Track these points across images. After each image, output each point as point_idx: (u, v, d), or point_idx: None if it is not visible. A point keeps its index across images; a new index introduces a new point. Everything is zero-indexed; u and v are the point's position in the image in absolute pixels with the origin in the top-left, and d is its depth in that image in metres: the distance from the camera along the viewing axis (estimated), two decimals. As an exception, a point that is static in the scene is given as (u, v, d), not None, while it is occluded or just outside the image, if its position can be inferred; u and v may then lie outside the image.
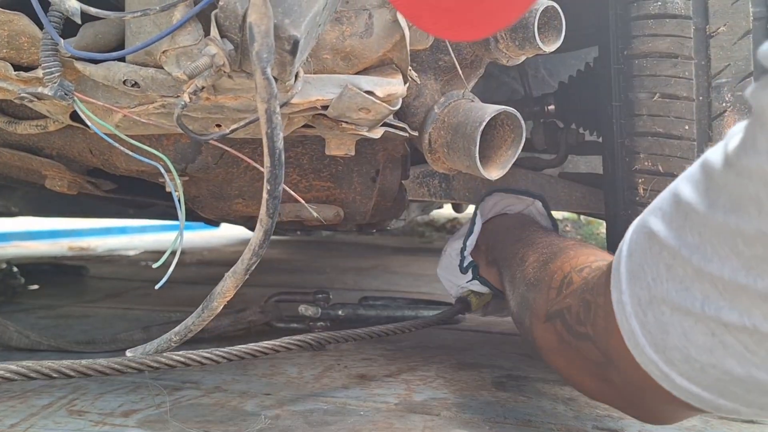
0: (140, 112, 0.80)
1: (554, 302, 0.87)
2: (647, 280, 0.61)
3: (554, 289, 0.88)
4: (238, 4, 0.66)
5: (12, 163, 1.20)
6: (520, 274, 1.06)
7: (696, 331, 0.56)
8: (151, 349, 0.81)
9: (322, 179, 1.23)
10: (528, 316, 0.97)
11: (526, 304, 0.98)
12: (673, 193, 0.60)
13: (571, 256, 0.92)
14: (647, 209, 0.65)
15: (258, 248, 0.68)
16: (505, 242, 1.23)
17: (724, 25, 1.11)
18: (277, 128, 0.64)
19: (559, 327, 0.84)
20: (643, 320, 0.62)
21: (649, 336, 0.61)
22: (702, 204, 0.55)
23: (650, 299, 0.60)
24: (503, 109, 1.02)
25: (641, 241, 0.63)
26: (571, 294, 0.83)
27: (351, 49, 0.84)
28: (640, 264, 0.62)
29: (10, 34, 0.77)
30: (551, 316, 0.87)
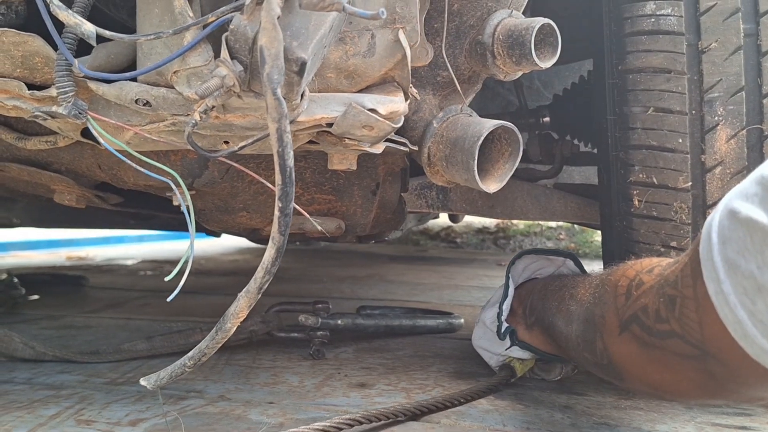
0: (151, 130, 0.83)
1: (626, 308, 0.84)
2: (751, 269, 0.60)
3: (622, 296, 0.85)
4: (248, 27, 0.69)
5: (21, 177, 1.22)
6: (575, 306, 1.02)
7: None
8: (165, 376, 0.83)
9: (324, 192, 1.26)
10: (599, 338, 0.91)
11: (592, 325, 0.93)
12: (762, 177, 0.60)
13: (631, 264, 0.90)
14: (732, 194, 0.64)
15: (270, 266, 0.70)
16: (547, 295, 1.18)
17: (715, 41, 1.14)
18: (287, 147, 0.66)
19: (638, 332, 0.81)
20: (752, 309, 0.60)
21: (761, 325, 0.60)
22: None
23: (758, 288, 0.59)
24: (501, 124, 1.05)
25: (736, 228, 0.62)
26: (645, 294, 0.81)
27: (354, 68, 0.87)
28: (740, 252, 0.61)
29: (24, 54, 0.80)
30: (625, 324, 0.83)
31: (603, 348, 0.90)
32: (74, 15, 0.71)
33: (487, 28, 1.06)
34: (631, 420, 1.11)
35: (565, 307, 1.06)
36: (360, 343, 1.65)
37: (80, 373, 1.34)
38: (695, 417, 1.12)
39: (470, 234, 5.29)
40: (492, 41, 1.06)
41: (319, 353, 1.49)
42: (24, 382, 1.28)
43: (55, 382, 1.28)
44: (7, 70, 0.81)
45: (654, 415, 1.13)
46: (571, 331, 1.02)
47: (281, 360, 1.47)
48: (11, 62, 0.81)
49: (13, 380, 1.29)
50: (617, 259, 1.24)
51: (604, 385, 1.28)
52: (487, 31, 1.06)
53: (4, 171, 1.21)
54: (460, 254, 4.36)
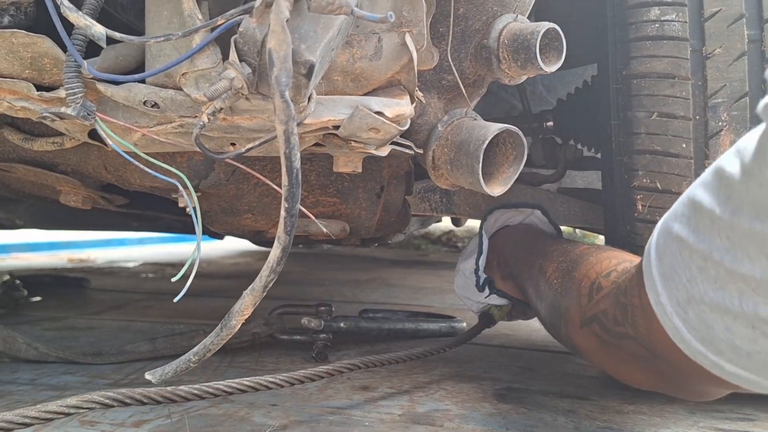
0: (159, 132, 0.83)
1: (587, 308, 0.93)
2: (682, 282, 0.66)
3: (585, 296, 0.95)
4: (257, 30, 0.69)
5: (27, 178, 1.23)
6: (544, 285, 1.12)
7: (738, 325, 0.61)
8: (170, 371, 0.83)
9: (329, 195, 1.26)
10: (563, 325, 1.02)
11: (559, 313, 1.04)
12: (691, 200, 0.65)
13: (593, 263, 0.99)
14: (667, 215, 0.71)
15: (276, 265, 0.70)
16: (518, 255, 1.31)
17: (719, 47, 1.14)
18: (294, 149, 0.66)
19: (598, 330, 0.90)
20: (685, 318, 0.67)
21: (694, 331, 0.66)
22: (725, 212, 0.59)
23: (688, 299, 0.65)
24: (505, 128, 1.05)
25: (669, 245, 0.68)
26: (603, 298, 0.90)
27: (361, 71, 0.87)
28: (672, 267, 0.68)
29: (34, 55, 0.80)
30: (587, 321, 0.93)
31: (567, 335, 1.03)
32: (84, 17, 0.71)
33: (492, 32, 1.07)
34: (635, 424, 1.11)
35: (535, 280, 1.17)
36: (362, 347, 1.65)
37: (83, 375, 1.34)
38: (698, 421, 1.12)
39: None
40: (497, 45, 1.06)
41: (321, 356, 1.50)
42: (27, 382, 1.28)
43: (58, 383, 1.28)
44: (16, 71, 0.82)
45: (657, 419, 1.13)
46: (540, 308, 1.16)
47: (284, 362, 1.47)
48: (20, 63, 0.81)
49: (17, 381, 1.29)
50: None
51: (608, 389, 1.29)
52: (492, 35, 1.06)
53: (10, 172, 1.21)
54: (462, 258, 4.36)
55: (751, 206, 0.57)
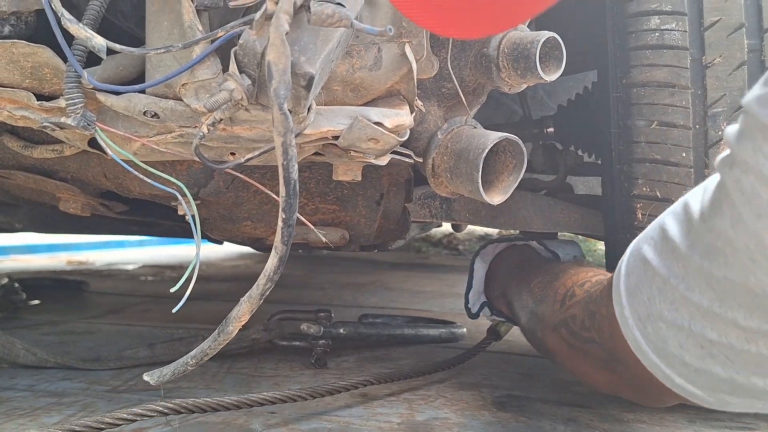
0: (158, 141, 0.83)
1: (559, 313, 1.01)
2: (644, 299, 0.72)
3: (558, 302, 1.02)
4: (257, 42, 0.69)
5: (26, 185, 1.23)
6: (526, 294, 1.20)
7: (688, 344, 0.67)
8: (167, 373, 0.83)
9: (328, 202, 1.26)
10: (539, 328, 1.10)
11: (535, 317, 1.12)
12: (661, 226, 0.71)
13: (572, 274, 1.06)
14: (641, 236, 0.77)
15: (273, 274, 0.71)
16: (510, 274, 1.39)
17: (719, 57, 1.14)
18: (292, 160, 0.66)
19: (565, 334, 0.98)
20: (644, 332, 0.73)
21: (651, 345, 0.73)
22: (684, 244, 0.66)
23: (648, 315, 0.72)
24: (505, 137, 1.05)
25: (636, 264, 0.75)
26: (575, 305, 0.97)
27: (360, 81, 0.87)
28: (637, 284, 0.74)
29: (34, 65, 0.80)
30: (558, 325, 1.00)
31: (541, 338, 1.10)
32: (85, 28, 0.71)
33: (492, 40, 1.07)
34: (633, 433, 1.11)
35: (520, 292, 1.26)
36: (362, 352, 1.65)
37: (82, 380, 1.34)
38: (698, 431, 1.12)
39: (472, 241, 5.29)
40: (497, 54, 1.06)
41: (321, 362, 1.50)
42: (26, 389, 1.28)
43: (57, 390, 1.28)
44: (17, 80, 0.82)
45: (657, 428, 1.13)
46: (521, 317, 1.23)
47: (283, 369, 1.47)
48: (21, 73, 0.81)
49: (15, 387, 1.29)
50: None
51: (608, 398, 1.28)
52: (492, 44, 1.07)
53: (9, 178, 1.21)
54: (462, 262, 4.36)
55: (703, 246, 0.63)
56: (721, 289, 0.62)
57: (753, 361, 0.63)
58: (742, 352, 0.63)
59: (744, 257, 0.58)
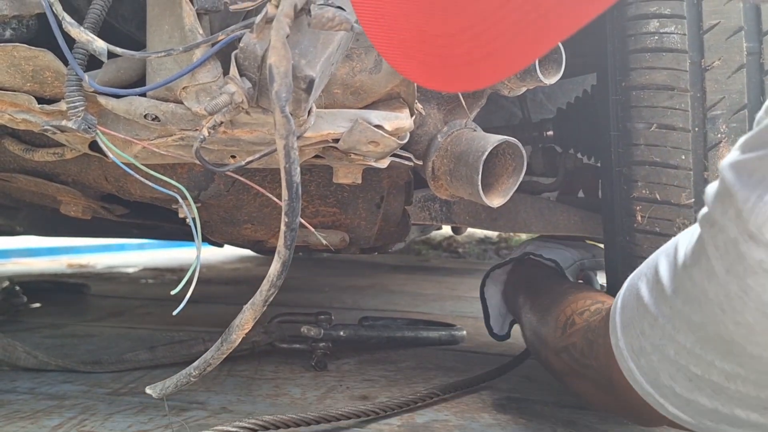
0: (159, 144, 0.83)
1: (561, 339, 1.05)
2: (637, 333, 0.77)
3: (560, 329, 1.06)
4: (257, 45, 0.69)
5: (27, 188, 1.23)
6: (530, 313, 1.26)
7: (678, 376, 0.72)
8: (170, 385, 0.83)
9: (329, 205, 1.26)
10: (543, 349, 1.16)
11: (540, 339, 1.17)
12: (655, 265, 0.75)
13: (571, 300, 1.09)
14: (638, 271, 0.81)
15: (276, 279, 0.71)
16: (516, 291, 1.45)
17: (718, 60, 1.15)
18: (294, 163, 0.67)
19: (567, 359, 1.02)
20: (638, 363, 0.77)
21: (645, 375, 0.77)
22: (669, 288, 0.70)
23: (640, 348, 0.76)
24: (505, 140, 1.05)
25: (631, 299, 0.79)
26: (574, 333, 1.01)
27: (360, 84, 0.88)
28: (631, 318, 0.79)
29: (35, 69, 0.81)
30: (560, 351, 1.05)
31: (545, 359, 1.15)
32: (86, 32, 0.72)
33: (492, 44, 1.07)
34: (633, 436, 1.11)
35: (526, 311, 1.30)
36: (362, 355, 1.65)
37: (83, 383, 1.34)
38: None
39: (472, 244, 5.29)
40: (497, 57, 1.06)
41: (321, 364, 1.50)
42: (27, 391, 1.28)
43: (57, 392, 1.28)
44: (18, 83, 0.82)
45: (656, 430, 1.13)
46: (526, 333, 1.29)
47: (283, 371, 1.47)
48: (22, 76, 0.81)
49: (16, 390, 1.29)
50: (620, 274, 1.25)
51: (606, 400, 1.29)
52: (492, 48, 1.07)
53: (10, 181, 1.22)
54: (462, 264, 4.36)
55: (684, 293, 0.68)
56: (700, 333, 0.67)
57: (734, 396, 0.67)
58: (724, 388, 0.67)
59: (715, 307, 0.63)
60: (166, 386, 0.84)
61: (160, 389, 0.84)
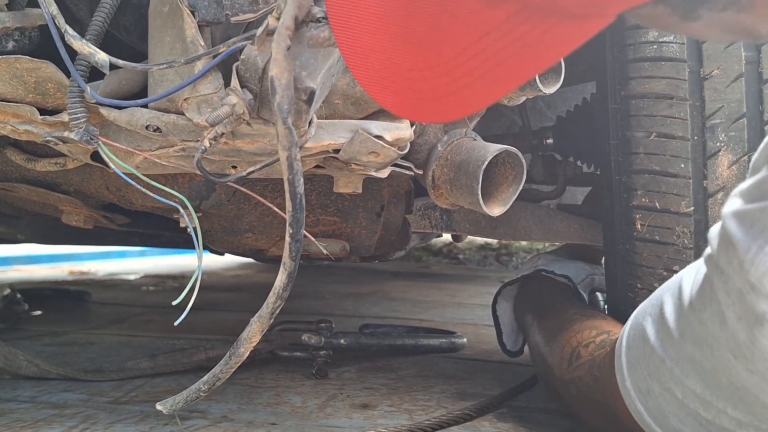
0: (161, 155, 0.84)
1: (567, 372, 1.05)
2: (644, 374, 0.75)
3: (566, 360, 1.06)
4: (258, 57, 0.70)
5: (29, 197, 1.23)
6: (538, 335, 1.26)
7: (688, 420, 0.70)
8: (180, 401, 0.84)
9: (329, 214, 1.27)
10: (551, 377, 1.15)
11: (547, 368, 1.16)
12: (660, 304, 0.74)
13: (576, 330, 1.09)
14: (642, 307, 0.80)
15: (282, 291, 0.71)
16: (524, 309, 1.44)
17: (717, 68, 1.15)
18: (298, 174, 0.67)
19: (574, 391, 1.03)
20: (646, 404, 0.76)
21: (653, 417, 0.76)
22: (676, 331, 0.69)
23: (648, 390, 0.75)
24: (505, 149, 1.06)
25: (637, 339, 0.78)
26: (580, 367, 1.00)
27: (361, 94, 0.88)
28: (637, 359, 0.77)
29: (37, 80, 0.81)
30: (566, 383, 1.05)
31: (553, 386, 1.15)
32: (88, 44, 0.72)
33: (492, 54, 1.07)
34: (634, 444, 1.11)
35: (533, 333, 1.30)
36: (363, 363, 1.65)
37: (84, 392, 1.34)
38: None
39: (473, 250, 5.28)
40: (497, 67, 1.07)
41: (321, 373, 1.50)
42: (28, 400, 1.28)
43: (58, 401, 1.28)
44: (20, 95, 0.83)
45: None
46: (534, 356, 1.29)
47: (284, 379, 1.48)
48: (24, 88, 0.82)
49: (17, 398, 1.29)
50: (620, 282, 1.26)
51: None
52: (492, 57, 1.07)
53: (12, 191, 1.22)
54: (463, 271, 4.36)
55: (693, 336, 0.66)
56: (710, 379, 0.65)
57: None
58: None
59: (727, 353, 0.61)
60: (176, 402, 0.84)
61: (170, 405, 0.84)
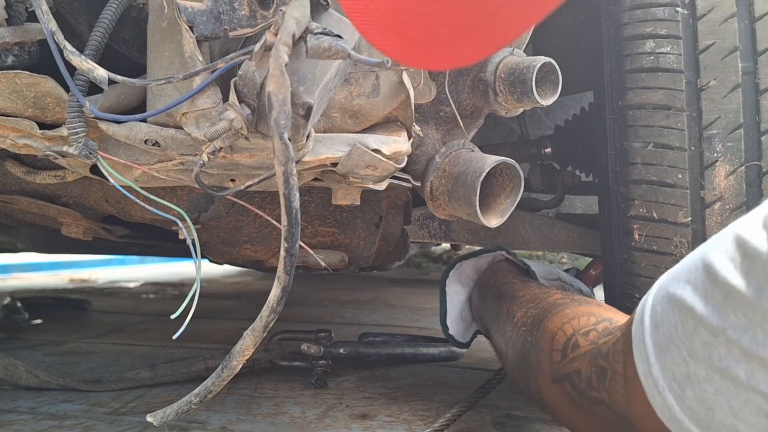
0: (159, 169, 0.84)
1: (560, 365, 0.86)
2: (682, 355, 0.60)
3: (558, 351, 0.87)
4: (256, 73, 0.70)
5: (29, 209, 1.24)
6: (511, 331, 1.06)
7: (746, 411, 0.55)
8: (171, 413, 0.84)
9: (327, 225, 1.27)
10: (533, 377, 0.94)
11: (528, 363, 0.96)
12: (705, 265, 0.59)
13: (570, 316, 0.91)
14: (668, 278, 0.65)
15: (276, 305, 0.71)
16: (486, 298, 1.28)
17: (714, 79, 1.16)
18: (294, 189, 0.67)
19: (569, 389, 0.83)
20: (681, 395, 0.60)
21: (690, 411, 0.60)
22: (747, 287, 0.54)
23: (687, 375, 0.59)
24: (502, 160, 1.06)
25: (669, 313, 0.62)
26: (579, 358, 0.82)
27: (359, 108, 0.89)
28: (670, 337, 0.61)
29: (37, 95, 0.82)
30: (559, 378, 0.86)
31: (536, 388, 0.93)
32: (87, 60, 0.73)
33: (489, 65, 1.08)
34: (632, 454, 1.11)
35: (502, 323, 1.11)
36: (362, 372, 1.65)
37: (83, 402, 1.35)
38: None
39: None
40: (494, 79, 1.08)
41: (321, 382, 1.50)
42: (27, 411, 1.29)
43: (58, 412, 1.28)
44: (20, 109, 0.83)
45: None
46: (506, 353, 1.07)
47: (283, 389, 1.48)
48: (23, 102, 0.82)
49: (17, 409, 1.29)
50: (619, 292, 1.26)
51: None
52: (489, 69, 1.08)
53: (12, 203, 1.23)
54: (462, 278, 4.35)
55: None
56: None
57: None
58: None
59: None
60: (167, 414, 0.84)
61: (161, 417, 0.84)
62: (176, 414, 0.83)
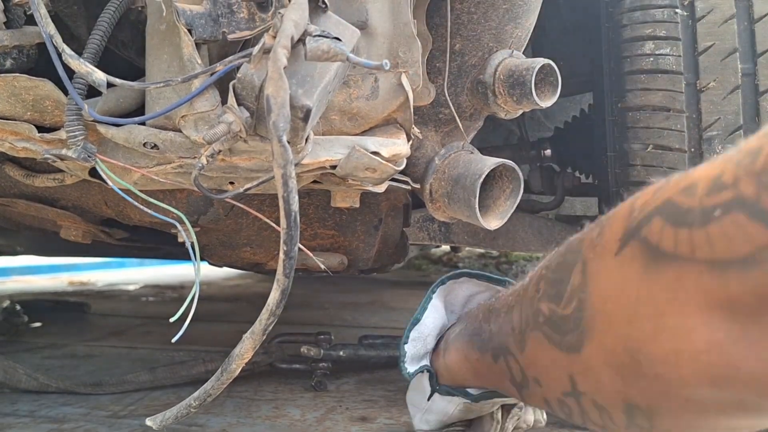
0: (158, 172, 0.84)
1: (631, 219, 0.55)
2: None
3: (622, 218, 0.56)
4: (255, 75, 0.70)
5: (27, 212, 1.24)
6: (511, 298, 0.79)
7: None
8: (170, 417, 0.84)
9: (327, 227, 1.27)
10: (578, 270, 0.60)
11: (564, 268, 0.64)
12: None
13: (616, 210, 0.59)
14: None
15: (275, 308, 0.71)
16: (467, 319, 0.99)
17: (713, 81, 1.16)
18: (293, 192, 0.67)
19: (642, 248, 0.52)
20: None
21: None
22: None
23: None
24: (502, 162, 1.06)
25: None
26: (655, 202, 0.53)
27: (358, 110, 0.89)
28: None
29: (35, 98, 0.81)
30: (630, 234, 0.54)
31: (581, 284, 0.60)
32: (85, 63, 0.73)
33: (488, 67, 1.08)
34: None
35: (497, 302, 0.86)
36: (362, 374, 1.65)
37: (83, 406, 1.34)
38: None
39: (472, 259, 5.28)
40: (493, 81, 1.08)
41: (320, 385, 1.50)
42: (27, 414, 1.28)
43: (57, 415, 1.28)
44: (18, 113, 0.83)
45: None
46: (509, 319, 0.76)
47: (283, 392, 1.48)
48: (22, 105, 0.82)
49: (16, 413, 1.29)
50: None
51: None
52: (488, 71, 1.08)
53: (11, 206, 1.23)
54: (462, 280, 4.35)
55: None
56: None
57: None
58: None
59: None
60: (166, 417, 0.84)
61: (160, 420, 0.84)
62: (176, 417, 0.83)
